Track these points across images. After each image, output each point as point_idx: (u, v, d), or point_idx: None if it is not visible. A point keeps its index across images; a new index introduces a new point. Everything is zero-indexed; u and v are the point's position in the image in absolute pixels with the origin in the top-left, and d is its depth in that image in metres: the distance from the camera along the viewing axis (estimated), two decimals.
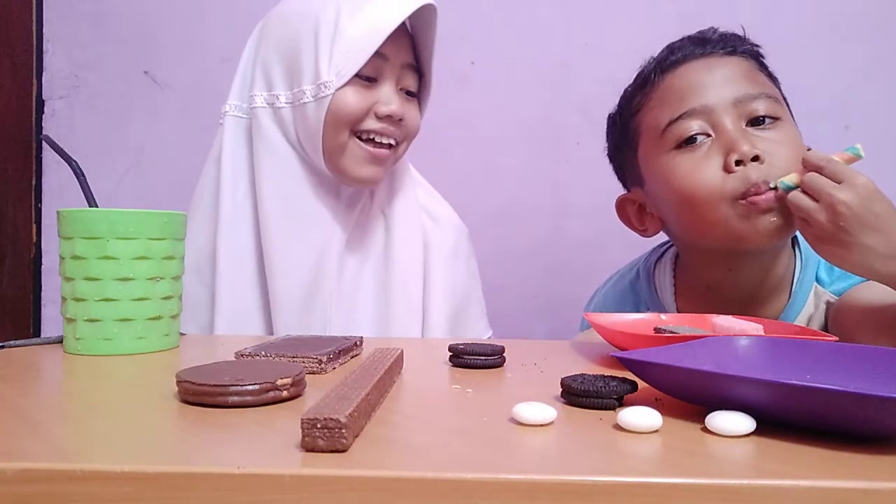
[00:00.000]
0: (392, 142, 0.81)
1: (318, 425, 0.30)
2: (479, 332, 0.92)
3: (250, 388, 0.38)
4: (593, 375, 0.42)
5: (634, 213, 0.83)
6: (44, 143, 1.10)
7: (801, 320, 0.74)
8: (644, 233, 0.84)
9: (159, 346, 0.58)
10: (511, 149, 1.16)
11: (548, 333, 1.17)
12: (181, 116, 1.15)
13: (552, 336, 1.17)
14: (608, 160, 0.87)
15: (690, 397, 0.38)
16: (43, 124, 1.15)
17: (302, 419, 0.30)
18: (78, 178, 0.62)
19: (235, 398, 0.38)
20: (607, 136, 0.85)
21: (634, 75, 0.81)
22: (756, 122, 0.71)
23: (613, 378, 0.41)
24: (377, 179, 0.82)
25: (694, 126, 0.71)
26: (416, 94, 0.85)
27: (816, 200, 0.62)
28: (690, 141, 0.71)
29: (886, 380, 0.41)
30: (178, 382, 0.39)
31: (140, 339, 0.56)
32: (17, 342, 0.59)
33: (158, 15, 1.14)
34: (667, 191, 0.75)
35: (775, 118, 0.71)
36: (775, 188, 0.67)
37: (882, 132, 1.15)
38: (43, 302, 1.16)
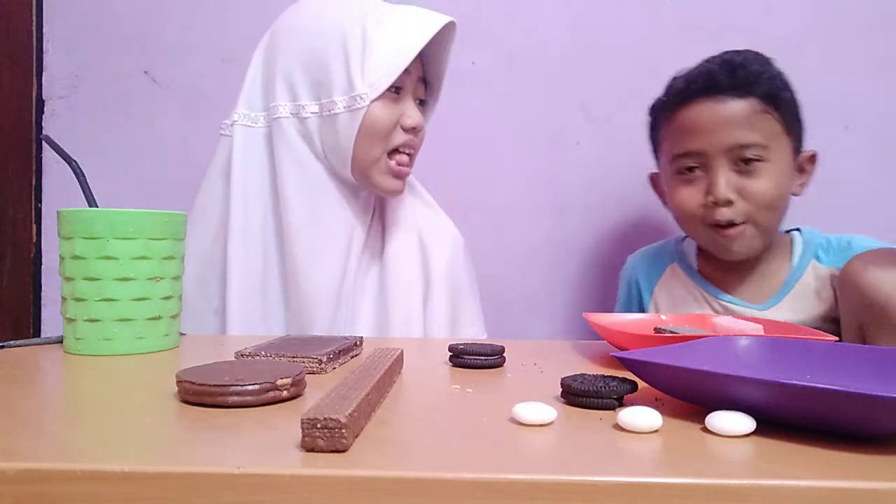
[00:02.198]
0: (412, 152, 0.84)
1: (318, 425, 0.30)
2: (473, 335, 0.92)
3: (250, 388, 0.38)
4: (593, 375, 0.42)
5: (661, 187, 1.00)
6: (44, 143, 1.10)
7: (799, 289, 0.90)
8: (666, 205, 1.00)
9: (159, 346, 0.58)
10: (511, 148, 1.16)
11: (548, 333, 1.17)
12: (181, 116, 1.14)
13: (552, 336, 1.17)
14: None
15: (690, 397, 0.38)
16: (43, 124, 1.15)
17: (302, 419, 0.30)
18: (78, 178, 0.62)
19: (235, 398, 0.38)
20: (649, 118, 1.00)
21: (668, 82, 0.95)
22: (742, 166, 0.86)
23: (613, 378, 0.41)
24: (402, 191, 0.85)
25: (690, 164, 0.89)
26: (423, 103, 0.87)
27: None
28: (687, 171, 0.90)
29: (886, 380, 0.41)
30: (178, 382, 0.39)
31: (140, 339, 0.56)
32: (17, 342, 0.59)
33: (158, 15, 1.14)
34: (668, 196, 0.96)
35: (760, 161, 0.86)
36: (737, 225, 0.87)
37: (882, 132, 1.15)
38: (43, 302, 1.16)
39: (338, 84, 0.77)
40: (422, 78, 0.85)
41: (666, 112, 0.93)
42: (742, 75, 0.86)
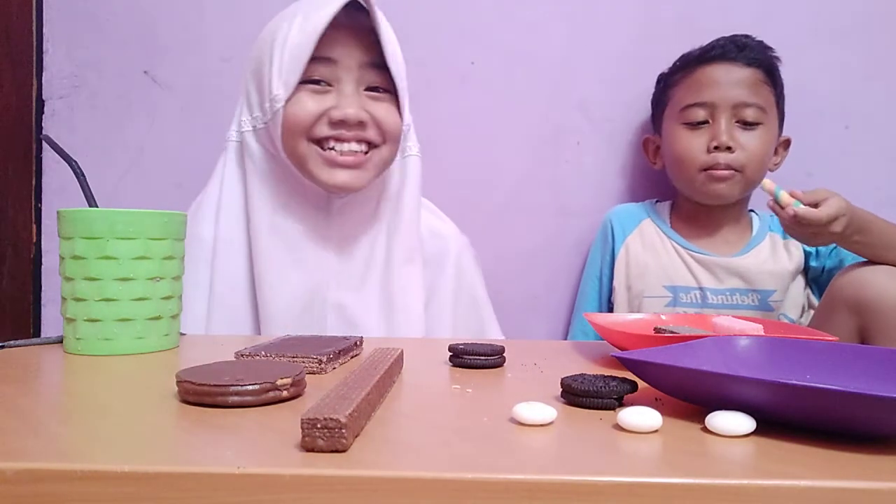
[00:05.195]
0: (360, 148, 0.79)
1: (318, 425, 0.30)
2: (493, 336, 0.93)
3: (250, 388, 0.38)
4: (593, 375, 0.42)
5: (652, 150, 1.13)
6: (44, 143, 1.10)
7: (756, 252, 1.06)
8: (654, 166, 1.13)
9: (159, 346, 0.58)
10: (511, 148, 1.16)
11: (548, 333, 1.17)
12: (181, 116, 1.14)
13: (552, 336, 1.17)
14: (651, 106, 1.14)
15: (690, 397, 0.38)
16: (43, 124, 1.15)
17: (302, 419, 0.30)
18: (78, 178, 0.62)
19: (235, 398, 0.38)
20: (655, 88, 1.13)
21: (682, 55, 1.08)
22: (743, 122, 1.02)
23: (613, 378, 0.41)
24: (357, 185, 0.79)
25: (700, 114, 1.03)
26: (392, 92, 0.81)
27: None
28: (695, 122, 1.03)
29: (886, 380, 0.41)
30: (178, 382, 0.39)
31: (140, 339, 0.56)
32: (17, 342, 0.59)
33: (158, 15, 1.14)
34: (668, 147, 1.08)
35: (758, 124, 1.02)
36: (732, 169, 1.01)
37: (882, 132, 1.15)
38: (43, 302, 1.16)
39: (265, 89, 0.78)
40: (374, 65, 0.79)
41: (682, 71, 1.06)
42: (749, 51, 1.03)
